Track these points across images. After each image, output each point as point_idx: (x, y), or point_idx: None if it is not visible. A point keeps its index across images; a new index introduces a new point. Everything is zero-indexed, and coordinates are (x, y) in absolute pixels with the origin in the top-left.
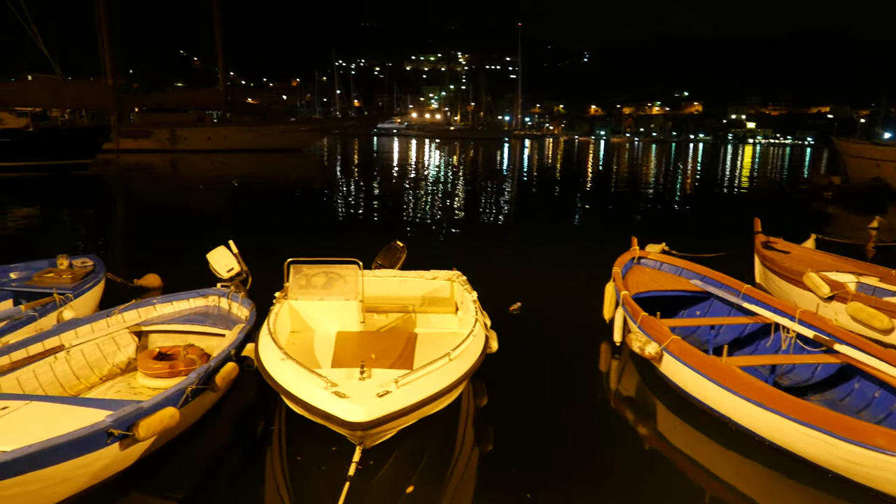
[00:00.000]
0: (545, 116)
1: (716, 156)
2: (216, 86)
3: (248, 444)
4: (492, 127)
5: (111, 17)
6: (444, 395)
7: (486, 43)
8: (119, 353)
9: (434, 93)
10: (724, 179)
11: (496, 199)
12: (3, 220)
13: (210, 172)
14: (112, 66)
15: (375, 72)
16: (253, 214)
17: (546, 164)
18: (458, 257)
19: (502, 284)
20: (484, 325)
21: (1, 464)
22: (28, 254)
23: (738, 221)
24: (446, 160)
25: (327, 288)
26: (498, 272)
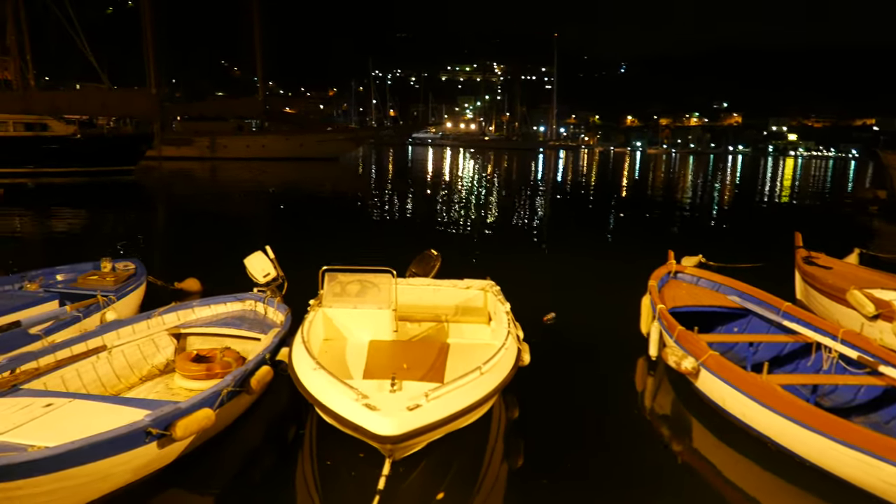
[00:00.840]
0: (580, 127)
1: (755, 168)
2: (255, 95)
3: (280, 448)
4: (526, 137)
5: (156, 29)
6: (474, 409)
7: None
8: (158, 354)
9: (469, 103)
10: (764, 192)
11: (530, 210)
12: (51, 224)
13: (248, 180)
14: (156, 75)
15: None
16: (289, 221)
17: (581, 174)
18: (492, 267)
19: (536, 295)
20: (516, 337)
21: (45, 459)
22: (73, 256)
23: (778, 235)
24: (480, 170)
25: (361, 296)
26: (531, 282)
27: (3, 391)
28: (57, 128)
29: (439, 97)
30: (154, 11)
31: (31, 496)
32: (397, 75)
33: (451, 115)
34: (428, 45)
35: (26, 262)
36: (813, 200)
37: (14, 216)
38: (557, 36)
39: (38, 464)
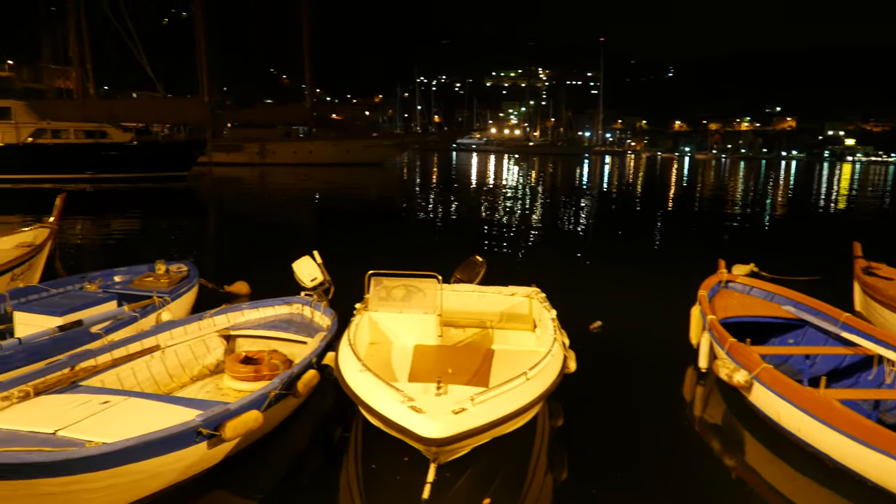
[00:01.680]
0: (627, 132)
1: (810, 174)
2: (303, 102)
3: (326, 450)
4: (571, 143)
5: (209, 40)
6: (520, 414)
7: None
8: (209, 355)
9: (514, 108)
10: (820, 199)
11: (575, 216)
12: (109, 227)
13: (295, 185)
14: (208, 84)
15: (456, 88)
16: (336, 226)
17: (627, 180)
18: (537, 273)
19: (581, 302)
20: (562, 344)
21: (102, 455)
22: (129, 259)
23: (835, 245)
24: (525, 176)
25: (406, 301)
26: (577, 289)
27: (63, 387)
28: (115, 135)
29: (484, 103)
30: (207, 22)
31: (87, 491)
32: (442, 81)
33: (495, 120)
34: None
35: (86, 264)
36: (872, 208)
37: (74, 220)
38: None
39: (95, 460)
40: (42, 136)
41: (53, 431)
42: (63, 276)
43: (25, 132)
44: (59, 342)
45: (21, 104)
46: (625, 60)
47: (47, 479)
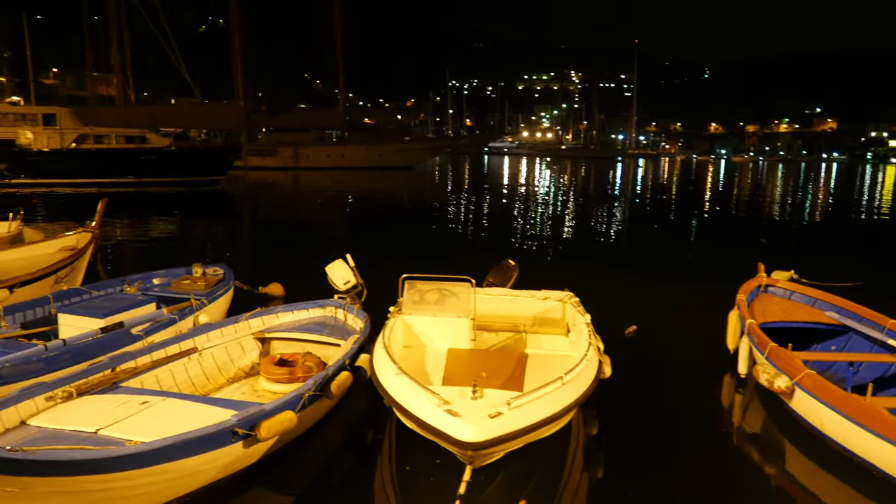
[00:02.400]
0: (661, 135)
1: (852, 176)
2: (336, 107)
3: (359, 452)
4: (604, 146)
5: (244, 46)
6: (556, 419)
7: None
8: (244, 357)
9: (546, 111)
10: (862, 203)
11: (608, 219)
12: (148, 230)
13: (328, 188)
14: (244, 89)
15: (488, 91)
16: (368, 229)
17: (661, 183)
18: (570, 277)
19: (616, 306)
20: (597, 348)
21: (141, 454)
22: (167, 261)
23: (879, 249)
24: (557, 179)
25: (440, 304)
26: (611, 293)
27: (105, 388)
28: (154, 140)
29: (516, 106)
30: (243, 29)
31: (127, 488)
32: (474, 85)
33: (527, 124)
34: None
35: (126, 267)
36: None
37: (115, 223)
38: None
39: (135, 458)
40: (85, 141)
41: (95, 430)
42: (104, 278)
43: (69, 138)
44: (102, 343)
45: (65, 111)
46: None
47: (89, 476)
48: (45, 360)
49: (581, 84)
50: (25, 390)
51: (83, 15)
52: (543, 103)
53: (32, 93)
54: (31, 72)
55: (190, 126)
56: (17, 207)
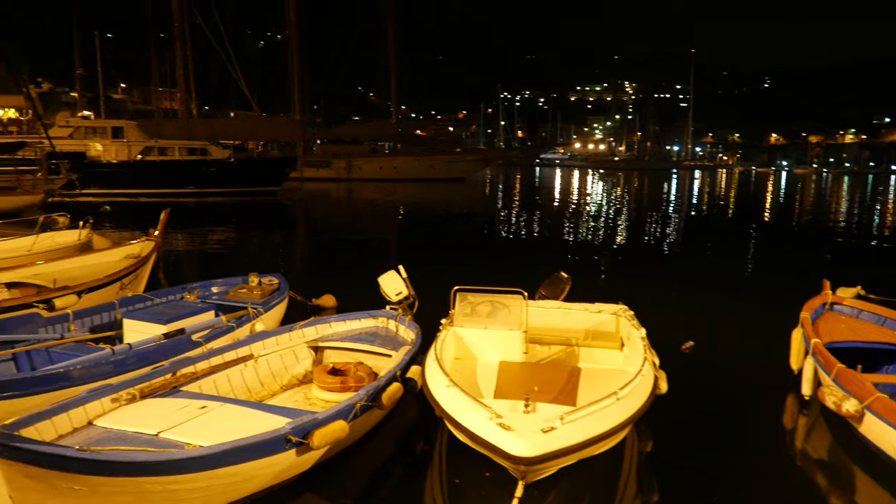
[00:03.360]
0: (718, 146)
1: None
2: (389, 119)
3: (409, 463)
4: (659, 157)
5: (301, 61)
6: (610, 435)
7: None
8: (298, 365)
9: (598, 123)
10: None
11: (663, 232)
12: (207, 240)
13: (380, 200)
14: (300, 103)
15: (539, 103)
16: (419, 240)
17: (718, 196)
18: (624, 291)
19: (671, 321)
20: (653, 364)
21: (199, 457)
22: (225, 270)
23: None
24: (610, 191)
25: (492, 317)
26: (666, 308)
27: (166, 392)
28: (215, 152)
29: (568, 117)
30: (300, 44)
31: (185, 490)
32: (526, 97)
33: (579, 135)
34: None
35: (186, 275)
36: None
37: (177, 233)
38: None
39: (194, 461)
40: (150, 153)
41: (156, 433)
42: (165, 286)
43: (136, 150)
44: (164, 348)
45: (132, 124)
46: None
47: (150, 477)
48: (111, 363)
49: (635, 95)
50: (93, 392)
51: (150, 33)
52: (596, 114)
53: (102, 107)
54: (102, 87)
55: (248, 138)
56: (86, 216)
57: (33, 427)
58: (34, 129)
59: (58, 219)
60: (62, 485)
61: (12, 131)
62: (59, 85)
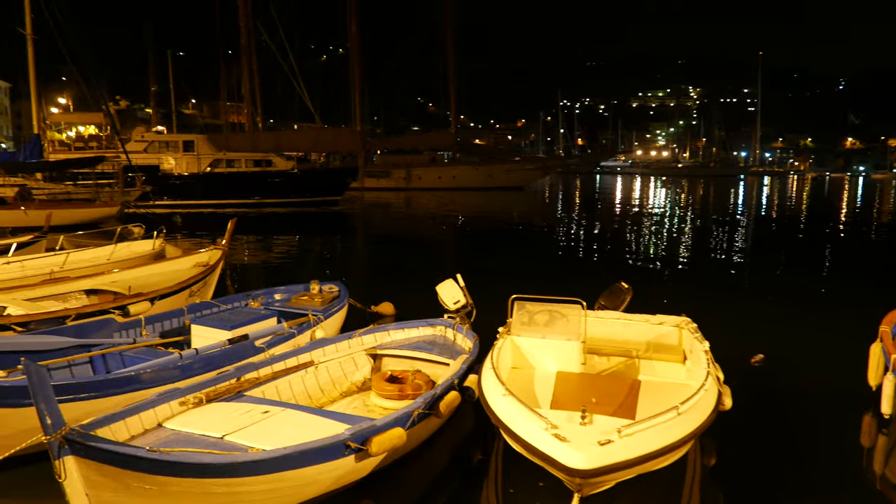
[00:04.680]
0: (789, 151)
1: None
2: (448, 129)
3: (465, 472)
4: (725, 163)
5: (362, 73)
6: (670, 451)
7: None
8: (357, 372)
9: (661, 129)
10: None
11: (729, 241)
12: (271, 248)
13: (440, 209)
14: (361, 114)
15: (600, 110)
16: (478, 249)
17: (789, 203)
18: (687, 302)
19: (738, 334)
20: (716, 378)
21: (263, 461)
22: (288, 278)
23: None
24: (673, 198)
25: (550, 326)
26: (732, 320)
27: (230, 396)
28: (279, 163)
29: (629, 124)
30: (361, 57)
31: (248, 493)
32: (586, 104)
33: (641, 142)
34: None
35: (250, 282)
36: None
37: (242, 242)
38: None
39: (257, 465)
40: (218, 165)
41: (222, 436)
42: (231, 293)
43: (205, 163)
44: (228, 354)
45: (202, 138)
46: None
47: (216, 479)
48: (179, 367)
49: (699, 99)
50: (163, 395)
51: (219, 50)
52: (659, 120)
53: (174, 122)
54: (174, 103)
55: (311, 150)
56: (159, 226)
57: (108, 427)
58: (112, 144)
59: (133, 229)
60: (134, 484)
61: (93, 146)
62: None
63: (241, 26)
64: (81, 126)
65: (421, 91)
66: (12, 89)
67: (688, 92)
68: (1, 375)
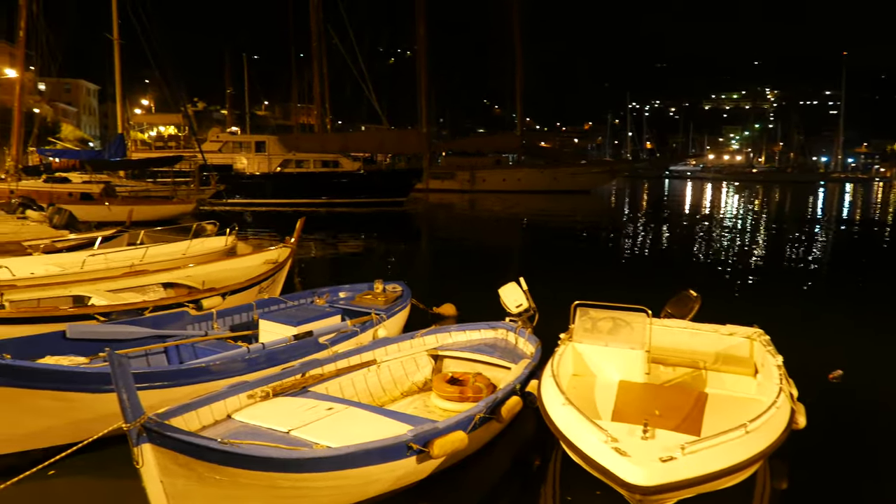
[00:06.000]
0: (874, 157)
1: None
2: (513, 131)
3: (523, 478)
4: (803, 169)
5: (429, 76)
6: (736, 471)
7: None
8: (418, 372)
9: (735, 133)
10: None
11: (806, 250)
12: (337, 247)
13: (504, 212)
14: (427, 116)
15: (670, 112)
16: (541, 253)
17: (873, 211)
18: (759, 313)
19: (814, 349)
20: (789, 394)
21: (329, 458)
22: (352, 276)
23: None
24: (746, 205)
25: (613, 334)
26: (809, 334)
27: (296, 392)
28: (346, 164)
29: (701, 127)
30: (428, 60)
31: (313, 489)
32: (655, 106)
33: (713, 146)
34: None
35: (316, 280)
36: None
37: (309, 241)
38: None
39: (323, 461)
40: (288, 165)
41: (287, 430)
42: (298, 290)
43: (275, 163)
44: (294, 349)
45: (273, 139)
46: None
47: (283, 473)
48: (247, 360)
49: (776, 102)
50: (232, 387)
51: (291, 53)
52: (732, 124)
53: (248, 123)
54: (248, 105)
55: (377, 151)
56: (232, 224)
57: (181, 417)
58: (189, 144)
59: (207, 226)
60: (206, 473)
61: (172, 146)
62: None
63: (313, 30)
64: (162, 126)
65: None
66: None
67: (764, 94)
68: (83, 362)
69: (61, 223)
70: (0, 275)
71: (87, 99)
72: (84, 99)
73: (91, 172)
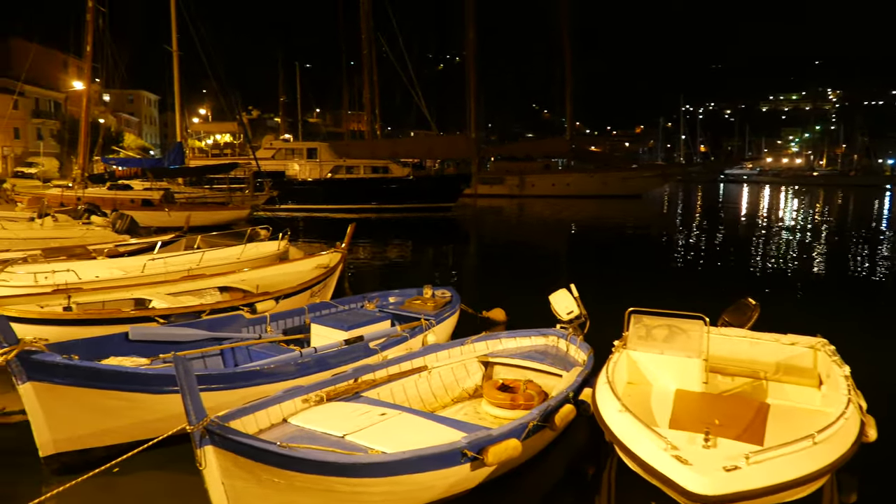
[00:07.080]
0: None
1: None
2: (563, 136)
3: (578, 487)
4: (868, 172)
5: (479, 83)
6: (803, 483)
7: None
8: (468, 378)
9: (794, 135)
10: None
11: (872, 256)
12: (386, 252)
13: (553, 217)
14: (476, 121)
15: (725, 115)
16: (591, 259)
17: None
18: (823, 322)
19: (884, 359)
20: (858, 406)
21: (384, 463)
22: (402, 282)
23: None
24: (807, 209)
25: (668, 342)
26: (877, 344)
27: (349, 396)
28: (395, 170)
29: (757, 130)
30: (477, 65)
31: (368, 494)
32: (710, 109)
33: (771, 148)
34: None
35: (366, 285)
36: None
37: (360, 246)
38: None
39: (378, 467)
40: (338, 172)
41: (342, 435)
42: (349, 294)
43: (326, 169)
44: (344, 354)
45: (325, 145)
46: None
47: (339, 478)
48: (299, 364)
49: (839, 103)
50: (288, 391)
51: (342, 61)
52: (791, 126)
53: (300, 130)
54: (300, 112)
55: (426, 156)
56: (284, 229)
57: (239, 420)
58: (244, 152)
59: (260, 231)
60: (264, 476)
61: (227, 153)
62: (265, 111)
63: (363, 38)
64: (218, 134)
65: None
66: (160, 101)
67: (826, 95)
68: (145, 363)
69: (123, 228)
70: (68, 278)
71: (148, 109)
72: (145, 109)
73: (152, 180)
